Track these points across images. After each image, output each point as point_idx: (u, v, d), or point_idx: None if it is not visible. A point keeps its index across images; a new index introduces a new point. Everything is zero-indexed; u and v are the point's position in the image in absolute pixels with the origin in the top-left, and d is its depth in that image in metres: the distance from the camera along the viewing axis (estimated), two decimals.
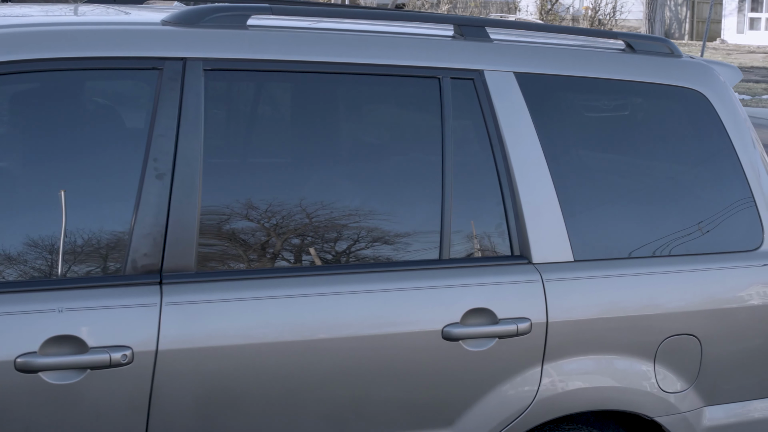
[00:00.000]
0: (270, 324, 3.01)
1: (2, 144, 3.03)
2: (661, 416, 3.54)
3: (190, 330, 2.92)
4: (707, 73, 3.84)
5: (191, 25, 3.13)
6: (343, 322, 3.09)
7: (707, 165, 3.79)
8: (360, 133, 3.50)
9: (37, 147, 2.99)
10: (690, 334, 3.55)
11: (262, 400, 3.01)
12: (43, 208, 2.91)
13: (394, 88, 3.40)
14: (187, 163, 2.99)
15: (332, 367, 3.08)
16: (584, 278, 3.41)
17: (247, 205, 3.11)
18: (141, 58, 3.01)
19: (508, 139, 3.41)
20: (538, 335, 3.31)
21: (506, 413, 3.31)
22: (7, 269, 2.84)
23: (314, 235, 3.18)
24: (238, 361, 2.97)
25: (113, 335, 2.83)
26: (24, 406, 2.77)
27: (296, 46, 3.22)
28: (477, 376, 3.25)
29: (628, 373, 3.47)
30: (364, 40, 3.35)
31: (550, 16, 30.94)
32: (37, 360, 2.75)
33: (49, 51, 2.92)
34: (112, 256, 2.93)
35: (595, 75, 3.64)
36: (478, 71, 3.42)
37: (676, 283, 3.58)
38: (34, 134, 3.00)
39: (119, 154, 3.05)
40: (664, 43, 3.87)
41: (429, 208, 3.30)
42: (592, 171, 3.65)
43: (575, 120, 3.72)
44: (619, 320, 3.44)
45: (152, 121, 2.99)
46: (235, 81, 3.30)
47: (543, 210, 3.40)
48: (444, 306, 3.20)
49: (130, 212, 2.94)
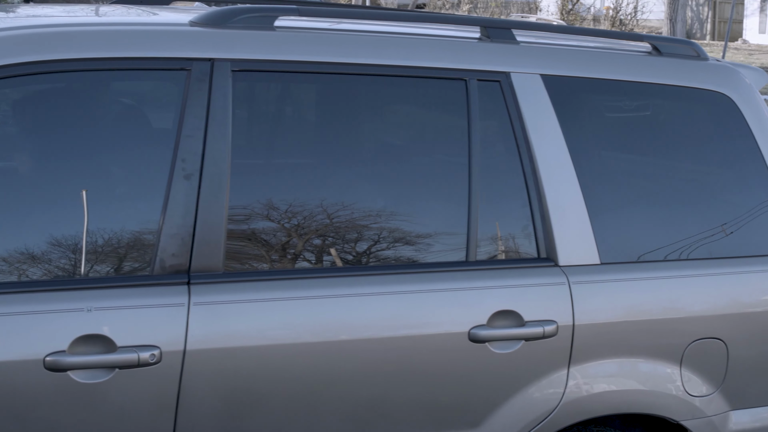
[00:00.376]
0: (297, 325, 3.02)
1: (31, 144, 3.04)
2: (687, 420, 3.53)
3: (218, 330, 2.93)
4: (733, 76, 3.83)
5: (219, 26, 3.14)
6: (370, 323, 3.10)
7: (733, 168, 3.78)
8: (387, 134, 3.50)
9: (66, 147, 3.00)
10: (716, 338, 3.54)
11: (287, 400, 3.02)
12: (72, 209, 2.92)
13: (421, 90, 3.40)
14: (215, 163, 3.00)
15: (357, 368, 3.08)
16: (611, 281, 3.41)
17: (274, 205, 3.12)
18: (169, 58, 3.02)
19: (535, 141, 3.40)
20: (564, 338, 3.31)
21: (532, 416, 3.31)
22: (37, 268, 2.85)
23: (341, 236, 3.18)
24: (264, 361, 2.97)
25: (141, 335, 2.85)
26: (52, 404, 2.78)
27: (323, 47, 3.23)
28: (503, 379, 3.25)
29: (654, 377, 3.46)
30: (391, 42, 3.35)
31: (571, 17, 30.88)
32: (66, 359, 2.76)
33: (78, 51, 2.94)
34: (140, 256, 2.94)
35: (622, 78, 3.63)
36: (504, 73, 3.42)
37: (702, 286, 3.56)
38: (63, 135, 3.01)
39: (148, 154, 3.06)
40: (690, 46, 3.86)
41: (455, 210, 3.30)
42: (618, 173, 3.65)
43: (601, 122, 3.71)
44: (645, 323, 3.43)
45: (180, 122, 3.00)
46: (263, 82, 3.31)
47: (569, 212, 3.40)
48: (471, 308, 3.20)
49: (158, 212, 2.95)
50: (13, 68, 2.86)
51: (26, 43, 2.90)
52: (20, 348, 2.75)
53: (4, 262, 2.83)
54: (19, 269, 2.84)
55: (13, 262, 2.84)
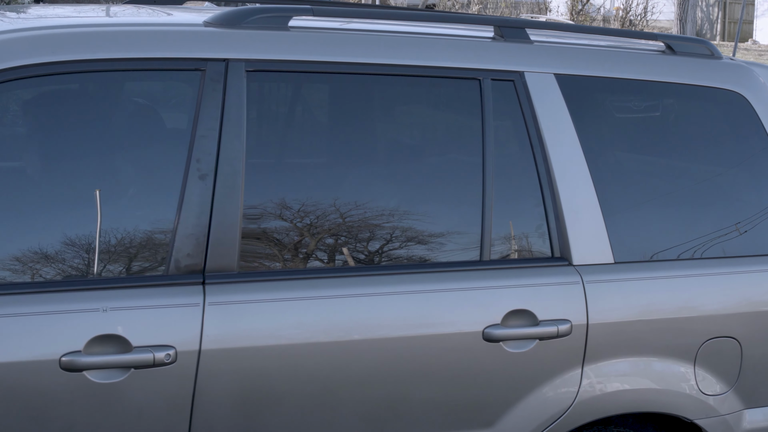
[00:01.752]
0: (311, 324, 3.02)
1: (47, 145, 3.04)
2: (700, 419, 3.53)
3: (232, 330, 2.93)
4: (747, 75, 3.83)
5: (233, 26, 3.14)
6: (384, 322, 3.10)
7: (746, 166, 3.78)
8: (401, 134, 3.50)
9: (82, 148, 3.01)
10: (730, 337, 3.53)
11: (302, 399, 3.02)
12: (88, 209, 2.93)
13: (435, 90, 3.41)
14: (230, 163, 3.00)
15: (372, 368, 3.09)
16: (624, 280, 3.40)
17: (288, 205, 3.12)
18: (184, 59, 3.03)
19: (548, 140, 3.40)
20: (578, 337, 3.31)
21: (546, 415, 3.31)
22: (53, 269, 2.86)
23: (355, 236, 3.18)
24: (279, 361, 2.98)
25: (157, 335, 2.85)
26: (68, 404, 2.79)
27: (337, 47, 3.23)
28: (517, 378, 3.25)
29: (668, 376, 3.46)
30: (404, 42, 3.35)
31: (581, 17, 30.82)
32: (81, 359, 2.77)
33: (93, 52, 2.94)
34: (155, 256, 2.95)
35: (636, 77, 3.63)
36: (518, 73, 3.42)
37: (716, 285, 3.56)
38: (78, 136, 3.02)
39: (163, 154, 3.07)
40: (704, 45, 3.86)
41: (469, 210, 3.30)
42: (632, 172, 3.65)
43: (615, 121, 3.71)
44: (659, 322, 3.43)
45: (195, 122, 3.01)
46: (277, 82, 3.32)
47: (583, 211, 3.39)
48: (485, 307, 3.20)
49: (173, 212, 2.96)
50: (30, 69, 2.86)
51: (43, 44, 2.91)
52: (36, 348, 2.76)
53: (20, 263, 2.83)
54: (35, 269, 2.85)
55: (28, 263, 2.84)
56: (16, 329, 2.74)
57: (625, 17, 30.00)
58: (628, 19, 29.93)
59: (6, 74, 2.84)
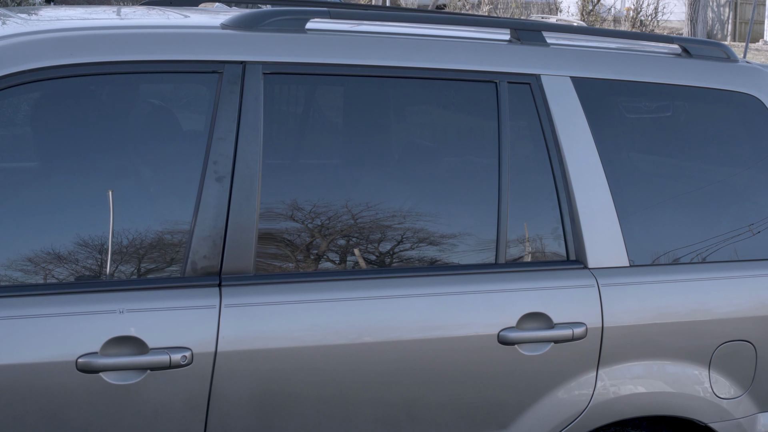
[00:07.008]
0: (327, 327, 3.02)
1: (65, 147, 3.05)
2: (715, 422, 3.53)
3: (248, 332, 2.94)
4: (763, 78, 3.82)
5: (250, 28, 3.15)
6: (400, 325, 3.10)
7: (762, 169, 3.77)
8: (417, 136, 3.51)
9: (100, 150, 3.02)
10: (745, 340, 3.53)
11: (317, 401, 3.02)
12: (106, 211, 2.93)
13: (452, 92, 3.41)
14: (247, 165, 3.01)
15: (387, 370, 3.09)
16: (640, 283, 3.40)
17: (305, 207, 3.12)
18: (202, 61, 3.03)
19: (565, 143, 3.40)
20: (593, 340, 3.30)
21: (561, 417, 3.31)
22: (69, 270, 2.87)
23: (372, 238, 3.19)
24: (295, 363, 2.98)
25: (173, 336, 2.86)
26: (84, 405, 2.80)
27: (354, 49, 3.23)
28: (532, 380, 3.25)
29: (682, 379, 3.46)
30: (421, 44, 3.35)
31: (592, 17, 30.79)
32: (98, 360, 2.78)
33: (112, 54, 2.95)
34: (172, 258, 2.96)
35: (652, 80, 3.63)
36: (535, 75, 3.42)
37: (731, 288, 3.56)
38: (95, 137, 3.02)
39: (179, 156, 3.07)
40: (720, 48, 3.85)
41: (485, 212, 3.30)
42: (648, 175, 3.65)
43: (631, 124, 3.71)
44: (674, 326, 3.43)
45: (212, 124, 3.01)
46: (294, 84, 3.32)
47: (599, 214, 3.39)
48: (500, 310, 3.21)
49: (190, 214, 2.96)
50: (48, 71, 2.87)
51: (60, 47, 2.91)
52: (53, 349, 2.77)
53: (36, 265, 2.84)
54: (52, 271, 2.86)
55: (45, 264, 2.85)
56: (34, 331, 2.75)
57: (635, 18, 29.96)
58: (638, 19, 29.90)
59: (23, 77, 2.84)
